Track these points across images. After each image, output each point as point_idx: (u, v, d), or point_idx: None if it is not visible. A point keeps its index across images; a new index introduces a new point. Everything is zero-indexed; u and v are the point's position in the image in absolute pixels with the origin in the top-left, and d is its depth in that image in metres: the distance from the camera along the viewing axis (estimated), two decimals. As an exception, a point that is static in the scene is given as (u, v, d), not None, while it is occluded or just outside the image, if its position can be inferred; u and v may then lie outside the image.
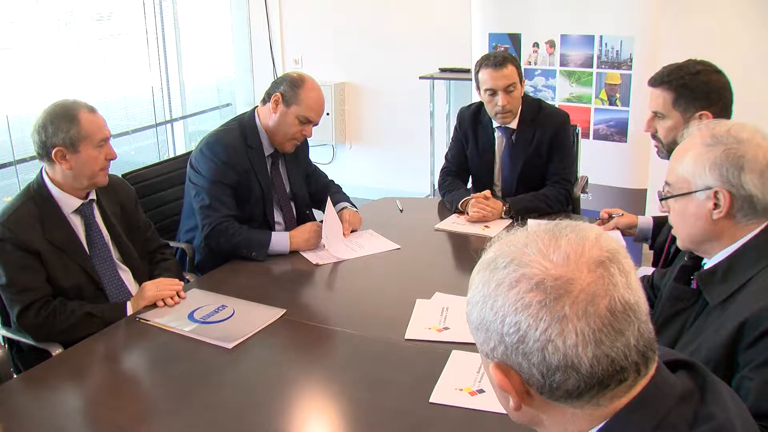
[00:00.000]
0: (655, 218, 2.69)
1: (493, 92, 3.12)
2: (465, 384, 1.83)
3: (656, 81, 2.27)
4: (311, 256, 2.73)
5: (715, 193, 1.52)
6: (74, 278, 2.32)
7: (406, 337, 2.07)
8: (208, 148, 2.84)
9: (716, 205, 1.53)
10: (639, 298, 0.87)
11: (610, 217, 2.74)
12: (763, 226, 1.54)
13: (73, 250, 2.33)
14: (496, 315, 0.87)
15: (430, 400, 1.77)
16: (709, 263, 1.62)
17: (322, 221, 2.86)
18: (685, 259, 1.74)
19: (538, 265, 0.86)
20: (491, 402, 1.71)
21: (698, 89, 2.18)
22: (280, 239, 2.76)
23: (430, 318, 2.18)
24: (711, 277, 1.58)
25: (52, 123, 2.27)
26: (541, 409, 0.92)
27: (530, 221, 2.83)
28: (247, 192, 2.87)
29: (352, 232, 2.95)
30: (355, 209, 3.10)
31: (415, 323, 2.15)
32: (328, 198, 2.93)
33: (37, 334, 2.25)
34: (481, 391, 1.79)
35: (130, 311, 2.30)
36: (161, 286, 2.37)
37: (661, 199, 1.67)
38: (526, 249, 0.89)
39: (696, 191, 1.56)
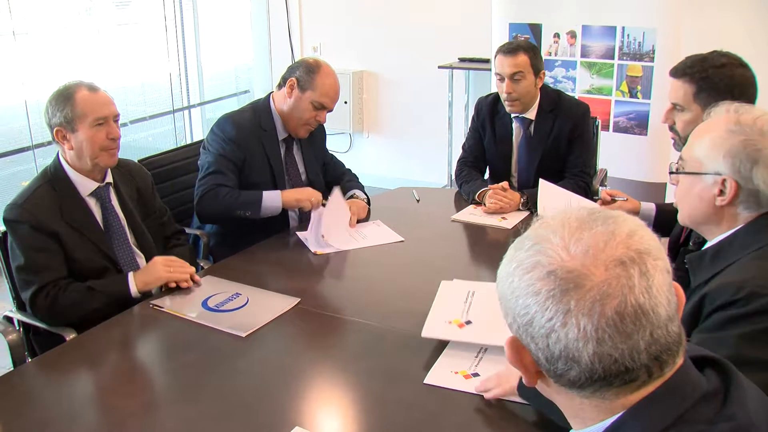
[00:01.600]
0: (658, 205, 2.65)
1: (502, 78, 3.11)
2: (461, 367, 1.84)
3: (678, 72, 2.20)
4: (312, 245, 2.71)
5: (723, 180, 1.54)
6: (94, 260, 2.32)
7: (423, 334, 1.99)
8: (218, 126, 2.88)
9: (721, 192, 1.56)
10: (657, 303, 0.84)
11: (613, 199, 2.70)
12: (757, 214, 1.56)
13: (91, 232, 2.33)
14: (513, 294, 0.89)
15: (425, 382, 1.78)
16: (706, 246, 1.64)
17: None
18: (690, 244, 1.75)
19: (556, 254, 0.86)
20: None
21: (721, 83, 2.11)
22: (272, 195, 2.76)
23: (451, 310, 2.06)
24: (699, 261, 1.61)
25: (51, 104, 2.28)
26: (552, 390, 0.93)
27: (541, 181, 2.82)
28: (256, 173, 2.87)
29: (358, 222, 2.92)
30: (364, 198, 3.07)
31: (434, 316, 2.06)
32: (336, 187, 2.87)
33: (45, 316, 2.24)
34: (476, 374, 1.81)
35: (133, 285, 2.28)
36: (173, 266, 2.34)
37: (670, 173, 1.69)
38: (553, 235, 0.88)
39: (706, 173, 1.58)
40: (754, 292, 1.37)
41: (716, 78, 2.12)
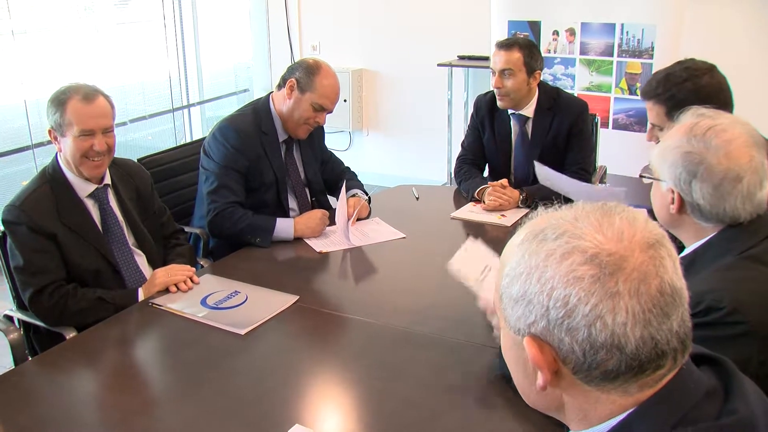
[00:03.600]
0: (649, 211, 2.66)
1: (494, 72, 3.13)
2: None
3: (647, 94, 2.22)
4: (315, 244, 2.72)
5: (672, 189, 1.55)
6: (91, 262, 2.32)
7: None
8: (221, 133, 2.84)
9: (673, 200, 1.56)
10: (683, 285, 0.86)
11: None
12: (721, 227, 1.54)
13: (89, 234, 2.34)
14: (543, 287, 0.84)
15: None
16: (682, 254, 1.62)
17: (335, 209, 2.84)
18: None
19: (592, 238, 0.84)
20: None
21: (688, 98, 2.09)
22: (285, 226, 2.75)
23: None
24: None
25: (48, 104, 2.29)
26: (566, 390, 0.90)
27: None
28: (259, 178, 2.87)
29: (358, 220, 2.92)
30: (366, 197, 3.08)
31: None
32: (343, 185, 2.89)
33: (48, 317, 2.26)
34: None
35: (141, 298, 2.30)
36: (172, 272, 2.36)
37: (640, 175, 1.70)
38: (578, 223, 0.86)
39: (660, 180, 1.59)
40: (711, 307, 1.38)
41: (681, 95, 2.12)
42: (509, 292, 0.89)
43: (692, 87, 2.13)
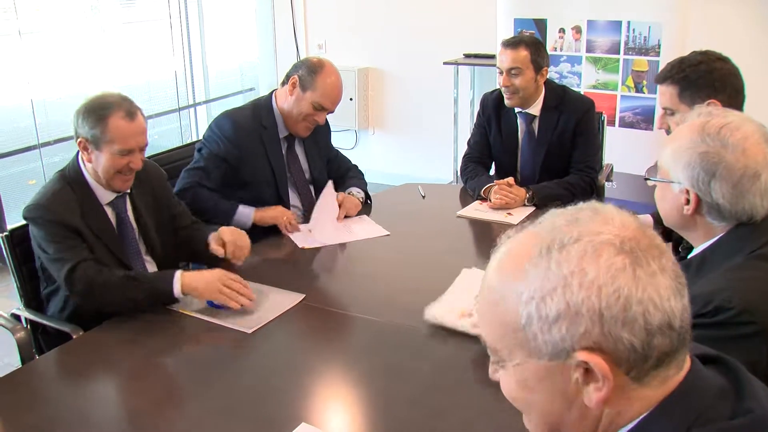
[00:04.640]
0: (653, 215, 2.66)
1: (501, 71, 3.13)
2: (460, 306, 1.99)
3: (661, 78, 2.24)
4: (298, 240, 2.72)
5: (687, 190, 1.53)
6: (110, 264, 2.30)
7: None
8: (216, 124, 2.89)
9: (688, 201, 1.54)
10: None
11: None
12: (736, 223, 1.53)
13: (108, 239, 2.31)
14: (589, 290, 0.81)
15: (424, 317, 2.01)
16: (691, 254, 1.62)
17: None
18: (680, 250, 1.73)
19: (609, 230, 0.84)
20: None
21: (701, 80, 2.14)
22: (245, 212, 2.79)
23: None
24: (685, 270, 1.57)
25: (83, 114, 2.24)
26: (609, 400, 0.85)
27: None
28: (252, 172, 2.87)
29: (346, 217, 2.92)
30: (361, 195, 3.08)
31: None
32: (329, 181, 2.87)
33: (83, 291, 2.17)
34: (470, 315, 1.93)
35: (177, 284, 2.17)
36: (232, 287, 2.17)
37: (645, 178, 1.69)
38: (581, 222, 0.86)
39: (672, 182, 1.56)
40: (721, 306, 1.37)
41: (694, 75, 2.15)
42: (542, 314, 0.83)
43: (706, 68, 2.15)
